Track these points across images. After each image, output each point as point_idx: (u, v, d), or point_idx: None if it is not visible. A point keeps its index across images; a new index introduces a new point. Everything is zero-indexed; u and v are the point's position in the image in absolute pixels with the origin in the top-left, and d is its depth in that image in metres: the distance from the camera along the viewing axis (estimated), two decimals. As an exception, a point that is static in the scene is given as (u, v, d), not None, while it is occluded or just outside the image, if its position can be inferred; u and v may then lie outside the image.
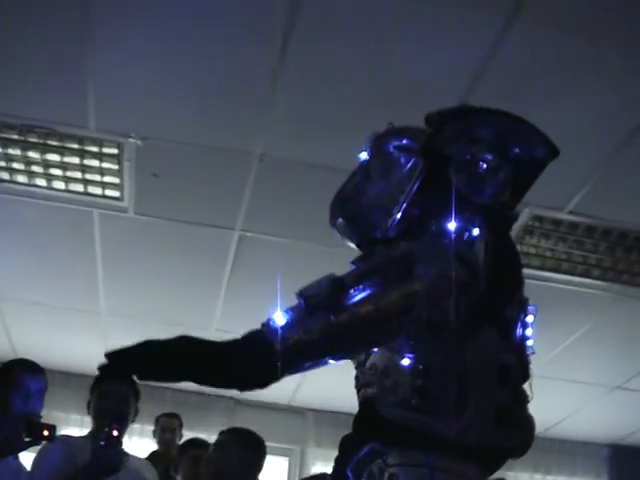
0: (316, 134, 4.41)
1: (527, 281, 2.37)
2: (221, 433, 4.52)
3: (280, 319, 1.90)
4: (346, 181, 2.53)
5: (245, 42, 3.87)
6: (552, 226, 4.90)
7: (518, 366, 2.18)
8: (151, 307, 6.33)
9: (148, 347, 1.86)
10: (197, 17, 3.76)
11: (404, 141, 2.39)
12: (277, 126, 4.35)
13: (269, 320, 1.91)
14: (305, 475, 7.35)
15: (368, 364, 2.20)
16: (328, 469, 7.26)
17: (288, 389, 7.64)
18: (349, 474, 2.21)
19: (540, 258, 5.23)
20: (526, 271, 5.41)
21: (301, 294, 1.97)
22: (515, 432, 2.13)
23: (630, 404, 7.41)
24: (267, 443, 7.55)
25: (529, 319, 2.26)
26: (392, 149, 2.40)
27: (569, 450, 8.36)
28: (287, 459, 8.05)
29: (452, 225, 2.13)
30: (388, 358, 2.14)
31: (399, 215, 2.29)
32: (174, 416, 6.18)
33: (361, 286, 2.01)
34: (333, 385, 7.44)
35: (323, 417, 7.99)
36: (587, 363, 6.52)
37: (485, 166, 2.25)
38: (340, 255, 5.62)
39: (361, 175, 2.47)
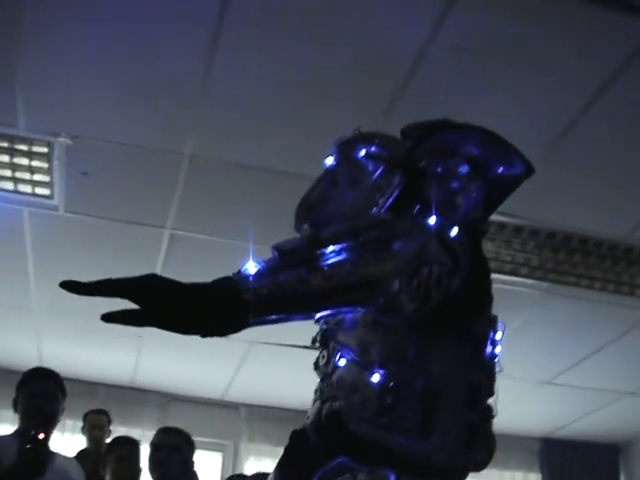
0: (247, 135, 4.44)
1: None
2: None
3: (252, 269, 1.78)
4: (312, 187, 2.45)
5: (176, 42, 3.89)
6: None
7: (487, 384, 2.17)
8: (83, 305, 6.27)
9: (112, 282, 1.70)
10: (128, 17, 3.78)
11: (372, 148, 2.35)
12: (208, 126, 4.39)
13: (241, 268, 1.79)
14: (239, 471, 7.39)
15: (335, 378, 2.15)
16: (261, 464, 7.35)
17: (221, 384, 7.67)
18: None
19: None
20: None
21: (276, 247, 1.84)
22: (482, 450, 2.15)
23: (559, 399, 7.58)
24: (200, 438, 7.59)
25: (498, 336, 2.21)
26: (360, 156, 2.35)
27: (501, 444, 8.45)
28: (221, 454, 8.06)
29: (432, 219, 2.06)
30: (356, 373, 2.10)
31: None
32: (102, 413, 6.13)
33: (338, 247, 1.89)
34: (266, 380, 7.52)
35: (256, 412, 8.02)
36: (517, 359, 6.64)
37: (459, 181, 2.21)
38: (267, 252, 5.68)
39: (328, 181, 2.39)
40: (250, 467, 7.48)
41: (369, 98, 4.16)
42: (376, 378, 2.05)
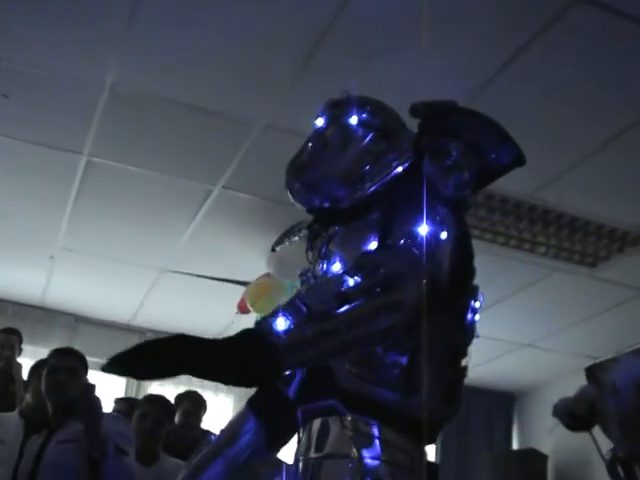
0: (169, 69, 4.49)
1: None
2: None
3: (282, 324, 1.92)
4: (302, 146, 2.58)
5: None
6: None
7: (465, 347, 2.34)
8: (-4, 224, 6.34)
9: (149, 350, 1.91)
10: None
11: (364, 115, 2.47)
12: (130, 58, 4.41)
13: (272, 323, 1.93)
14: (142, 394, 7.49)
15: None
16: (163, 389, 7.43)
17: (130, 309, 7.76)
18: (299, 414, 2.35)
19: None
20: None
21: (306, 304, 1.97)
22: (455, 405, 2.31)
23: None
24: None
25: (477, 305, 2.39)
26: (351, 122, 2.47)
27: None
28: (124, 378, 8.14)
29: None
30: None
31: (365, 192, 2.39)
32: (13, 332, 6.13)
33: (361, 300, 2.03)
34: (174, 308, 7.63)
35: (163, 338, 8.11)
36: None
37: (454, 160, 2.33)
38: (184, 186, 5.78)
39: (318, 143, 2.52)
40: (153, 392, 7.59)
41: (288, 43, 4.25)
42: None
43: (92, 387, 3.87)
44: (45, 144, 5.23)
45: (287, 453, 2.51)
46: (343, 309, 1.97)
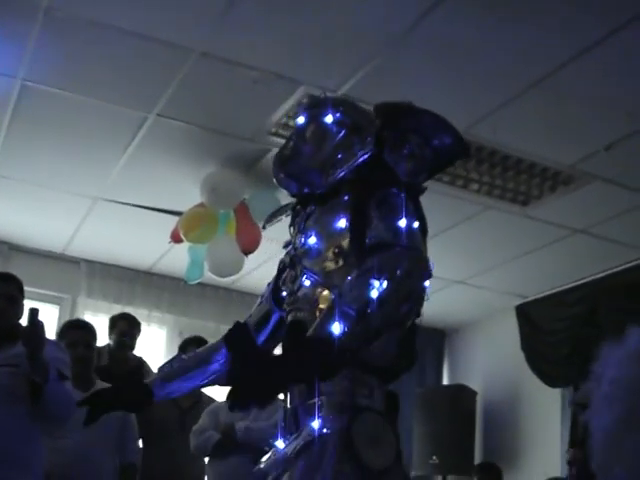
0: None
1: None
2: None
3: (337, 329, 2.44)
4: (286, 141, 3.10)
5: None
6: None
7: (417, 309, 2.72)
8: None
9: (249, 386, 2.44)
10: None
11: (337, 115, 2.92)
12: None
13: (329, 329, 2.45)
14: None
15: (300, 294, 2.78)
16: (97, 319, 7.45)
17: (63, 238, 7.68)
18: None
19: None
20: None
21: (351, 307, 2.49)
22: (408, 357, 2.76)
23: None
24: (39, 290, 7.67)
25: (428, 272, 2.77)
26: (327, 120, 2.92)
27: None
28: (58, 307, 8.14)
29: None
30: (320, 292, 2.73)
31: (336, 177, 2.84)
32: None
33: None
34: (108, 238, 7.59)
35: (96, 268, 8.09)
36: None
37: (409, 150, 2.79)
38: (119, 113, 5.72)
39: (299, 138, 3.01)
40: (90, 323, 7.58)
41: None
42: None
43: (36, 312, 3.84)
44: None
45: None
46: (380, 310, 2.49)
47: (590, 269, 7.25)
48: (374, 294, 2.50)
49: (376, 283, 2.51)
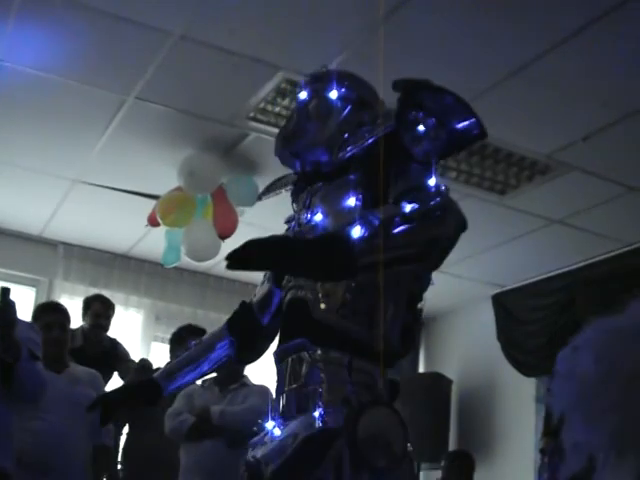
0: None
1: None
2: None
3: (357, 232, 2.38)
4: (288, 118, 3.04)
5: None
6: (303, 90, 5.14)
7: (421, 294, 2.74)
8: None
9: (254, 247, 2.34)
10: None
11: (342, 90, 2.87)
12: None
13: (349, 231, 2.40)
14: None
15: None
16: (74, 302, 7.44)
17: (41, 220, 7.63)
18: (274, 356, 2.77)
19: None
20: (275, 130, 5.66)
21: (376, 216, 2.44)
22: (410, 341, 2.71)
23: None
24: (16, 272, 7.65)
25: None
26: (331, 96, 2.86)
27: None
28: (34, 290, 8.11)
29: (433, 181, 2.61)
30: None
31: (345, 155, 2.79)
32: None
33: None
34: (87, 221, 7.56)
35: (74, 251, 8.04)
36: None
37: (425, 131, 2.67)
38: (97, 95, 5.69)
39: (302, 115, 2.92)
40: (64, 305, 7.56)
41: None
42: None
43: (7, 291, 3.83)
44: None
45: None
46: (402, 228, 2.44)
47: (567, 260, 7.28)
48: (404, 211, 2.45)
49: (408, 206, 2.47)
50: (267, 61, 4.97)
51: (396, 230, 2.43)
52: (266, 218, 6.71)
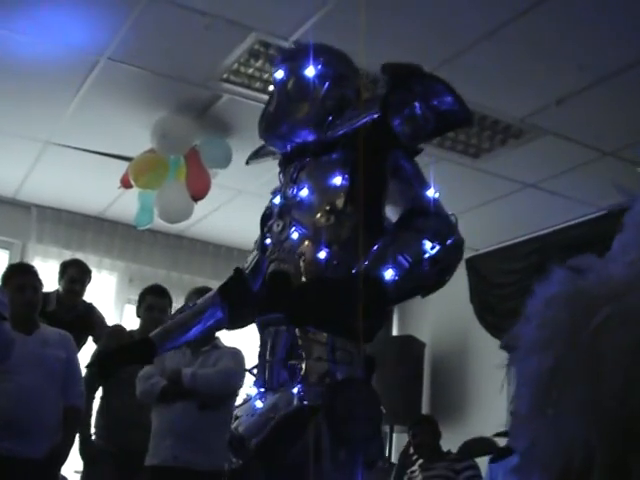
0: None
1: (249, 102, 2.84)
2: None
3: (389, 274, 2.55)
4: (268, 100, 3.06)
5: None
6: (276, 52, 5.10)
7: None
8: None
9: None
10: None
11: (319, 67, 2.87)
12: None
13: (382, 273, 2.55)
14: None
15: (287, 245, 2.78)
16: (47, 264, 7.42)
17: (14, 182, 7.59)
18: (256, 323, 2.89)
19: (263, 82, 5.47)
20: (248, 92, 5.64)
21: (406, 259, 2.60)
22: (378, 319, 2.82)
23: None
24: (-11, 235, 7.57)
25: None
26: (307, 74, 2.87)
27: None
28: (7, 252, 8.07)
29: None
30: (307, 246, 2.75)
31: (334, 135, 2.83)
32: None
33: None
34: (60, 183, 7.52)
35: (47, 214, 8.01)
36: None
37: (413, 115, 2.78)
38: (70, 55, 5.62)
39: (282, 95, 2.94)
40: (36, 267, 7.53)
41: None
42: (322, 255, 2.71)
43: None
44: None
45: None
46: (430, 270, 2.67)
47: (540, 223, 7.32)
48: (430, 254, 2.63)
49: (428, 244, 2.64)
50: (240, 22, 4.93)
51: (424, 271, 2.67)
52: (239, 180, 6.72)
